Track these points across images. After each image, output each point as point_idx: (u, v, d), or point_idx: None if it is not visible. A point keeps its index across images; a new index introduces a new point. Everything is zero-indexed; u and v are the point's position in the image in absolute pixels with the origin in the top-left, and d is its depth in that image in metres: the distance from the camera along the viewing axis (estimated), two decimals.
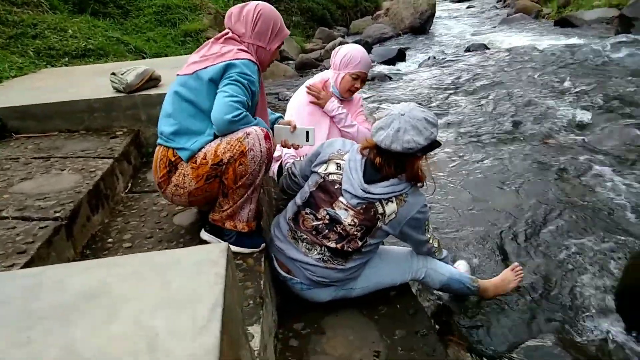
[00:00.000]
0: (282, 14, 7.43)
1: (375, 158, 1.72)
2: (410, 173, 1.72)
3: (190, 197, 1.73)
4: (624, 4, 9.48)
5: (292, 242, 1.83)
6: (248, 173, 1.64)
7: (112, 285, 0.95)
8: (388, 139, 1.65)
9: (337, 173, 1.78)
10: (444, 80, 6.64)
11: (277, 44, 1.82)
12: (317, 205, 1.79)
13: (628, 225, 2.70)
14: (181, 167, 1.68)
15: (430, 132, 1.68)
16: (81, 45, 4.89)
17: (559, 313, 2.14)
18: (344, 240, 1.74)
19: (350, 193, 1.73)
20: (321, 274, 1.79)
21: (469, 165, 3.82)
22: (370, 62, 2.50)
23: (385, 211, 1.72)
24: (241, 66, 1.63)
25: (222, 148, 1.61)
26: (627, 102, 4.69)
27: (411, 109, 1.70)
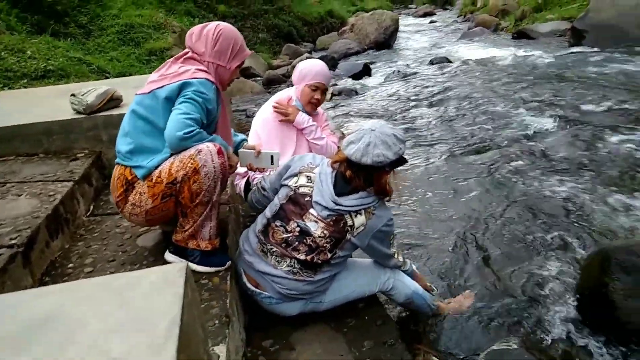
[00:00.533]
0: (248, 30, 7.49)
1: (346, 171, 1.76)
2: (379, 186, 1.77)
3: (148, 216, 1.72)
4: (575, 17, 10.00)
5: (261, 255, 1.83)
6: (203, 190, 1.63)
7: (67, 310, 0.93)
8: (359, 152, 1.70)
9: (308, 185, 1.82)
10: (408, 92, 6.81)
11: (237, 63, 1.83)
12: (287, 217, 1.81)
13: (583, 228, 2.82)
14: (138, 186, 1.67)
15: (399, 147, 1.74)
16: (40, 67, 4.79)
17: (522, 316, 2.20)
18: (313, 252, 1.76)
19: (320, 205, 1.76)
20: (290, 287, 1.79)
21: (430, 174, 3.92)
22: (329, 74, 2.52)
23: (354, 223, 1.75)
24: (197, 85, 1.64)
25: (175, 166, 1.61)
26: (579, 110, 4.92)
27: (381, 125, 1.77)
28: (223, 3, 11.48)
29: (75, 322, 0.89)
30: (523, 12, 13.20)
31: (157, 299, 0.94)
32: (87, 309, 0.93)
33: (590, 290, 2.13)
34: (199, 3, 10.79)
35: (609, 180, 3.36)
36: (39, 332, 0.87)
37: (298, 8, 14.71)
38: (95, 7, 7.45)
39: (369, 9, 17.73)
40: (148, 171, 1.64)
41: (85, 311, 0.92)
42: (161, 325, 0.86)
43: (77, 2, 7.15)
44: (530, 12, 12.99)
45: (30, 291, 1.09)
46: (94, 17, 7.29)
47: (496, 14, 14.95)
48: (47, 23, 6.27)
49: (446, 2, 29.81)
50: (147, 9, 8.43)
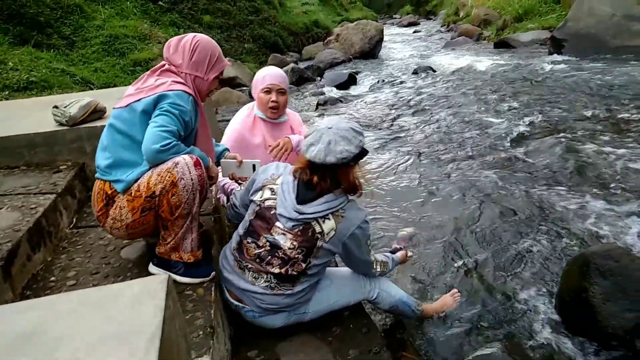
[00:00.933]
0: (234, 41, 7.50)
1: (311, 176, 1.72)
2: (347, 184, 1.74)
3: (129, 230, 1.71)
4: (554, 27, 10.23)
5: (238, 272, 1.82)
6: (183, 203, 1.64)
7: (48, 325, 0.93)
8: (321, 152, 1.66)
9: (272, 198, 1.78)
10: (393, 101, 6.89)
11: (214, 74, 1.83)
12: (257, 233, 1.78)
13: (564, 233, 2.87)
14: (118, 200, 1.67)
15: (359, 140, 1.72)
16: (23, 78, 4.76)
17: (505, 321, 2.24)
18: (287, 265, 1.74)
19: (285, 217, 1.73)
20: (270, 301, 1.78)
21: (413, 181, 3.96)
22: (280, 74, 2.40)
23: (324, 229, 1.72)
24: (173, 97, 1.65)
25: (153, 180, 1.61)
26: (560, 117, 5.03)
27: (337, 121, 1.75)
28: (208, 14, 11.51)
29: (56, 337, 0.89)
30: (504, 21, 13.47)
31: (138, 311, 0.95)
32: (69, 323, 0.93)
33: (570, 295, 2.17)
34: (184, 14, 10.81)
35: (587, 187, 3.43)
36: (21, 348, 0.87)
37: (284, 18, 14.81)
38: (79, 18, 7.42)
39: (354, 19, 17.91)
40: (127, 185, 1.64)
41: (67, 325, 0.93)
42: (142, 338, 0.87)
43: (60, 13, 7.12)
44: (511, 22, 13.25)
45: (10, 306, 1.08)
46: (78, 28, 7.26)
47: (478, 23, 15.22)
48: (30, 34, 6.23)
49: (430, 13, 30.25)
50: (131, 19, 8.42)
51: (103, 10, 8.24)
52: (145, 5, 9.72)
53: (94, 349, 0.85)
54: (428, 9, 31.18)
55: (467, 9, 19.20)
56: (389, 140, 5.18)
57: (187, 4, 11.08)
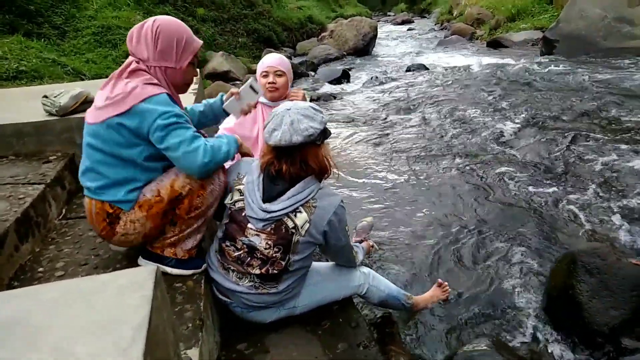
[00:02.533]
0: (228, 35, 7.44)
1: (279, 166, 1.66)
2: (317, 164, 1.68)
3: (146, 238, 1.69)
4: (546, 27, 10.30)
5: (223, 273, 1.79)
6: (204, 206, 1.64)
7: (32, 314, 0.92)
8: (286, 134, 1.60)
9: (241, 200, 1.74)
10: (386, 98, 6.90)
11: (187, 59, 1.63)
12: (232, 236, 1.75)
13: (553, 232, 2.90)
14: (125, 216, 1.60)
15: (321, 116, 1.69)
16: (12, 67, 4.68)
17: (493, 317, 2.26)
18: (267, 265, 1.71)
19: (254, 218, 1.69)
20: (256, 300, 1.77)
21: (405, 177, 3.97)
22: (282, 59, 2.41)
23: (297, 223, 1.66)
24: (155, 108, 1.49)
25: (180, 182, 1.58)
26: (550, 117, 5.07)
27: (294, 103, 1.71)
28: (202, 6, 11.41)
29: (40, 326, 0.88)
30: (497, 21, 13.54)
31: (125, 302, 0.94)
32: (53, 312, 0.92)
33: (558, 292, 2.19)
34: (178, 6, 10.70)
35: (576, 186, 3.47)
36: (4, 335, 0.86)
37: (278, 13, 14.73)
38: (71, 8, 7.32)
39: (348, 15, 17.91)
40: (134, 203, 1.59)
41: (51, 315, 0.91)
42: (128, 328, 0.86)
43: (51, 2, 7.01)
44: (504, 22, 13.33)
45: None
46: (69, 18, 7.15)
47: (472, 22, 15.29)
48: (20, 23, 6.13)
49: (424, 11, 30.30)
50: (124, 10, 8.32)
51: (95, 0, 8.14)
52: None
53: (78, 339, 0.84)
54: (422, 7, 31.27)
55: (460, 7, 19.27)
56: (381, 136, 5.19)
57: None
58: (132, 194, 1.58)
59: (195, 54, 1.66)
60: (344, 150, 4.85)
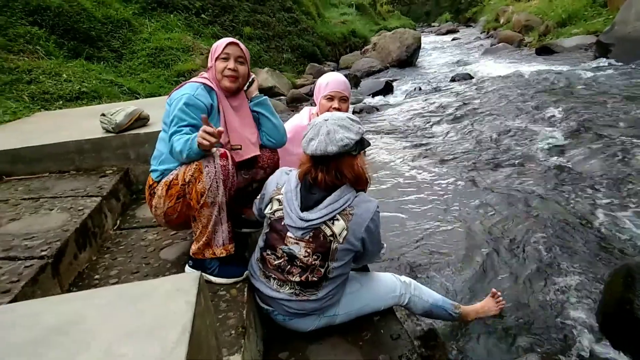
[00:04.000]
0: (273, 51, 7.65)
1: (316, 174, 1.70)
2: (352, 175, 1.70)
3: (167, 217, 1.87)
4: (600, 31, 9.84)
5: (264, 280, 1.84)
6: (207, 190, 1.72)
7: (86, 316, 0.99)
8: (322, 144, 1.65)
9: (281, 209, 1.78)
10: (429, 109, 6.81)
11: (215, 57, 1.97)
12: (273, 245, 1.79)
13: (606, 243, 2.75)
14: (157, 191, 1.85)
15: (358, 127, 1.71)
16: (75, 89, 5.03)
17: (542, 332, 2.16)
18: (306, 272, 1.74)
19: (292, 226, 1.72)
20: (297, 307, 1.80)
21: (451, 190, 3.89)
22: (345, 82, 2.40)
23: (335, 231, 1.69)
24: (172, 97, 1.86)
25: (185, 169, 1.75)
26: (604, 124, 4.82)
27: (332, 113, 1.76)
28: (249, 25, 11.80)
29: (91, 329, 0.94)
30: (547, 27, 13.08)
31: (170, 306, 0.99)
32: (104, 315, 0.99)
33: (613, 307, 2.07)
34: (226, 26, 11.13)
35: (631, 196, 3.27)
36: (58, 337, 0.93)
37: (322, 28, 14.97)
38: (127, 32, 7.79)
39: (392, 28, 17.89)
40: (159, 173, 1.86)
41: (102, 318, 0.98)
42: (173, 332, 0.91)
43: (110, 28, 7.50)
44: (554, 27, 12.85)
45: (52, 298, 1.15)
46: (126, 41, 7.62)
47: (519, 30, 14.85)
48: (82, 48, 6.60)
49: (469, 20, 29.76)
50: (175, 32, 8.76)
51: (149, 24, 8.63)
52: (188, 18, 10.09)
53: (126, 341, 0.90)
54: (467, 16, 30.72)
55: (507, 15, 18.78)
56: (423, 147, 5.13)
57: (229, 17, 11.42)
58: (161, 166, 1.86)
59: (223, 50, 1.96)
60: (385, 161, 4.83)
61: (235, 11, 11.70)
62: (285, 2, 13.63)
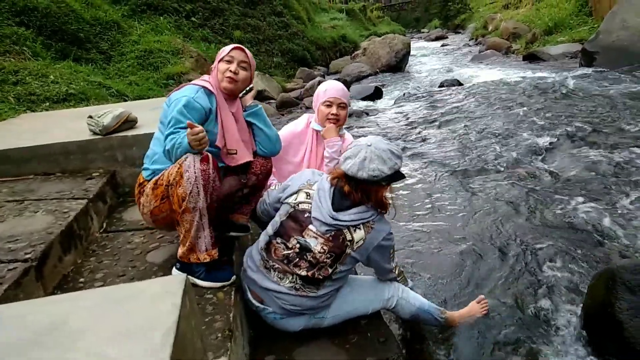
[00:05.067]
0: (263, 55, 7.69)
1: (344, 186, 1.80)
2: (375, 200, 1.80)
3: (153, 217, 1.89)
4: (585, 39, 10.02)
5: (264, 271, 1.86)
6: (187, 195, 1.71)
7: (71, 318, 0.99)
8: (355, 167, 1.74)
9: (307, 202, 1.85)
10: (418, 114, 6.87)
11: (220, 59, 2.00)
12: (287, 234, 1.84)
13: (590, 247, 2.80)
14: (146, 189, 1.88)
15: (395, 162, 1.78)
16: (62, 90, 4.98)
17: (527, 334, 2.18)
18: (314, 268, 1.79)
19: (319, 220, 1.79)
20: (294, 302, 1.82)
21: (438, 194, 3.93)
22: (344, 90, 2.43)
23: (354, 238, 1.79)
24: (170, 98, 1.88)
25: (169, 171, 1.76)
26: (589, 130, 4.90)
27: (378, 140, 1.82)
28: (239, 29, 11.80)
29: (77, 330, 0.94)
30: (534, 35, 13.26)
31: (156, 308, 0.99)
32: (90, 317, 0.99)
33: (595, 310, 2.11)
34: (216, 29, 11.12)
35: (616, 201, 3.34)
36: (44, 339, 0.93)
37: (312, 33, 15.01)
38: (116, 34, 7.74)
39: (382, 34, 18.00)
40: (151, 172, 1.88)
41: (87, 320, 0.98)
42: (158, 333, 0.91)
43: (99, 29, 7.45)
44: (541, 35, 13.04)
45: (38, 300, 1.15)
46: (115, 43, 7.57)
47: (507, 37, 15.04)
48: (70, 49, 6.54)
49: (458, 27, 30.07)
50: (165, 35, 8.72)
51: (139, 26, 8.58)
52: (178, 21, 10.06)
53: (111, 343, 0.90)
54: (456, 23, 31.01)
55: (496, 22, 19.02)
56: (413, 153, 5.16)
57: (219, 20, 11.41)
58: (154, 166, 1.88)
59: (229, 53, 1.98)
60: None
61: (225, 15, 11.69)
62: (276, 7, 13.65)
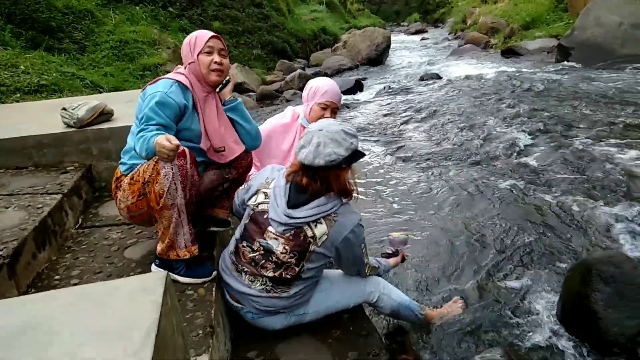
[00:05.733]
0: (242, 47, 7.59)
1: (302, 179, 1.72)
2: (338, 186, 1.72)
3: (130, 213, 1.84)
4: (561, 35, 10.22)
5: (236, 275, 1.82)
6: (165, 192, 1.65)
7: (45, 318, 0.95)
8: (310, 155, 1.66)
9: (266, 202, 1.78)
10: (398, 107, 6.90)
11: (198, 51, 1.84)
12: (251, 237, 1.79)
13: (566, 240, 2.86)
14: (123, 184, 1.82)
15: (350, 142, 1.71)
16: (34, 81, 4.83)
17: (506, 326, 2.23)
18: (280, 269, 1.74)
19: (276, 221, 1.72)
20: (267, 304, 1.79)
21: (418, 188, 3.96)
22: (339, 93, 2.39)
23: (316, 234, 1.71)
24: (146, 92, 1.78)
25: (144, 167, 1.71)
26: (565, 124, 5.01)
27: (329, 123, 1.74)
28: (217, 20, 11.62)
29: (52, 331, 0.91)
30: (512, 30, 13.48)
31: (135, 306, 0.96)
32: (66, 317, 0.95)
33: (572, 301, 2.16)
34: (194, 20, 10.93)
35: (591, 193, 3.42)
36: (17, 339, 0.89)
37: (292, 25, 14.91)
38: (90, 23, 7.53)
39: (362, 26, 18.00)
40: (128, 167, 1.82)
41: (64, 319, 0.94)
42: (138, 332, 0.88)
43: (72, 18, 7.23)
44: (518, 30, 13.27)
45: (10, 300, 1.10)
46: (89, 33, 7.37)
47: (486, 31, 15.24)
48: (42, 38, 6.33)
49: (437, 21, 30.30)
50: (141, 25, 8.53)
51: (114, 15, 8.37)
52: (155, 11, 9.85)
53: (89, 343, 0.86)
54: (436, 17, 31.28)
55: (474, 17, 19.24)
56: (393, 146, 5.19)
57: (197, 10, 11.21)
58: (131, 161, 1.82)
59: (206, 44, 1.85)
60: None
61: (204, 5, 11.51)
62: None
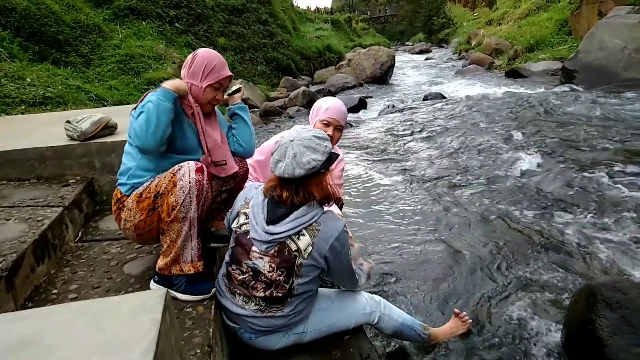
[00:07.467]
0: (247, 63, 7.61)
1: (281, 192, 1.69)
2: (320, 193, 1.69)
3: (137, 231, 1.80)
4: (565, 57, 10.30)
5: (230, 297, 1.79)
6: (179, 204, 1.67)
7: (44, 334, 0.93)
8: (289, 167, 1.64)
9: (247, 223, 1.76)
10: (402, 126, 6.92)
11: (208, 82, 1.86)
12: (238, 260, 1.76)
13: (571, 263, 2.82)
14: (127, 204, 1.79)
15: (324, 145, 1.69)
16: (39, 94, 4.85)
17: (509, 350, 2.18)
18: (271, 288, 1.70)
19: (257, 240, 1.70)
20: (263, 324, 1.75)
21: (419, 208, 3.93)
22: (344, 112, 2.40)
23: (300, 246, 1.66)
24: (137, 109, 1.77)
25: (158, 181, 1.71)
26: (569, 147, 5.00)
27: (298, 132, 1.73)
28: (223, 36, 11.76)
29: (50, 347, 0.89)
30: (516, 51, 13.59)
31: (134, 324, 0.95)
32: (64, 333, 0.93)
33: (576, 327, 2.11)
34: (199, 35, 11.06)
35: (596, 218, 3.39)
36: (16, 354, 0.87)
37: (297, 42, 15.08)
38: (97, 37, 7.62)
39: (366, 45, 18.21)
40: (129, 187, 1.79)
41: (62, 336, 0.92)
42: (136, 350, 0.86)
43: (79, 32, 7.32)
44: (522, 52, 13.37)
45: (8, 315, 1.08)
46: (95, 47, 7.45)
47: (490, 52, 15.38)
48: (49, 52, 6.40)
49: (442, 41, 30.63)
50: (148, 40, 8.63)
51: (121, 30, 8.48)
52: (161, 26, 9.98)
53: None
54: (440, 37, 31.61)
55: (479, 38, 19.45)
56: (396, 164, 5.19)
57: (203, 27, 11.36)
58: (131, 180, 1.80)
59: (219, 80, 1.89)
60: (358, 177, 4.85)
61: (210, 21, 11.66)
62: (261, 15, 13.68)
